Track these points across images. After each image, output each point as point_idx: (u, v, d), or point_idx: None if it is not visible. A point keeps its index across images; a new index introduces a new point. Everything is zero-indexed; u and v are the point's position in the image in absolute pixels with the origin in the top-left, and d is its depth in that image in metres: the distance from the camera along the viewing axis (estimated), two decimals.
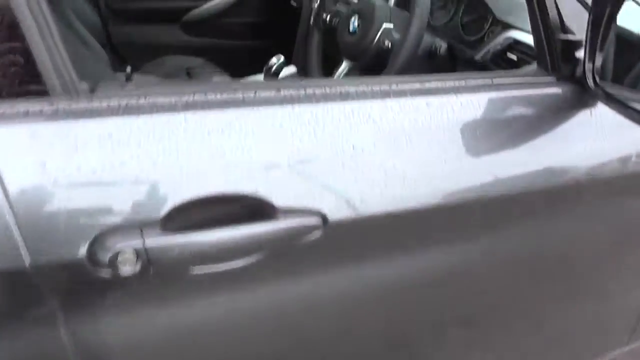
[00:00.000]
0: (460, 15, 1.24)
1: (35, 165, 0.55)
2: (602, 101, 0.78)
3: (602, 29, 0.70)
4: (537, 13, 0.77)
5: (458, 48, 1.22)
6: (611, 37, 0.74)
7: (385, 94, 0.69)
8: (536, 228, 0.85)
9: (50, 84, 0.56)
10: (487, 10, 1.17)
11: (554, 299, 0.99)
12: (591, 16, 0.71)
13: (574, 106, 0.81)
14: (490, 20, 1.16)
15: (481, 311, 0.92)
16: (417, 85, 0.72)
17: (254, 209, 0.63)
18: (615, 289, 1.09)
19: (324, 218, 0.65)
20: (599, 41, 0.71)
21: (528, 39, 1.00)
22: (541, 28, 0.78)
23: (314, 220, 0.66)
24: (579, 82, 0.79)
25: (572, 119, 0.81)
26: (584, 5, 0.82)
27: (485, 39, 1.17)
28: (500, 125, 0.77)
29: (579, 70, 0.79)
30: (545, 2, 0.75)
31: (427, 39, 1.18)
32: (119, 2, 2.05)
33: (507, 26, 1.11)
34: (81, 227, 0.57)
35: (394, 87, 0.70)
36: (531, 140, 0.78)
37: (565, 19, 0.79)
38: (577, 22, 0.79)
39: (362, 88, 0.69)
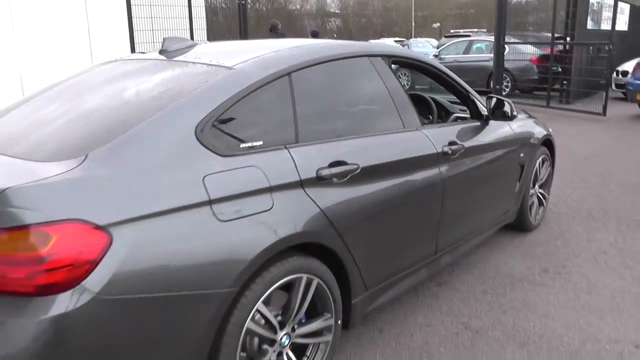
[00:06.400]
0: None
1: None
2: (496, 120, 2.26)
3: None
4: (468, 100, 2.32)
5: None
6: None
7: None
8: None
9: None
10: (432, 112, 2.88)
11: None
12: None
13: (484, 125, 2.34)
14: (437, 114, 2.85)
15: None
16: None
17: None
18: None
19: None
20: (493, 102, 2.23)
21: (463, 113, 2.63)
22: (471, 108, 2.30)
23: None
24: (485, 118, 2.30)
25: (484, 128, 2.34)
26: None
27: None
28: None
29: (484, 114, 2.29)
30: (467, 97, 2.30)
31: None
32: None
33: (448, 112, 2.69)
34: None
35: None
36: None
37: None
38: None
39: None
